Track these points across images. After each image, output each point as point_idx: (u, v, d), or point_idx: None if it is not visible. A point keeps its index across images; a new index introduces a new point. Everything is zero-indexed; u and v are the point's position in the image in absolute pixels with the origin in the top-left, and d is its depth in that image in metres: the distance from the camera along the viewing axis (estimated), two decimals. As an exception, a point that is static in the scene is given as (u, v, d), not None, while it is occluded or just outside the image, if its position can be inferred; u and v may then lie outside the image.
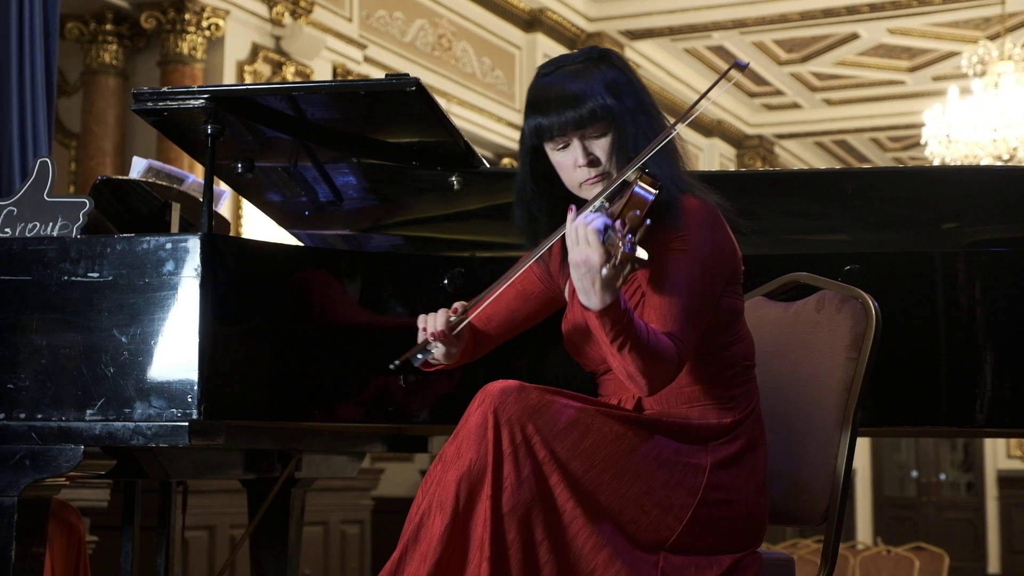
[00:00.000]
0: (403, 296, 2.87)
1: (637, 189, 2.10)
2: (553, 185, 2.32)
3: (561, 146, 2.27)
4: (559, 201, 2.30)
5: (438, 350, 2.31)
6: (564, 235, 2.12)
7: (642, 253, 2.00)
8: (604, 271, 2.00)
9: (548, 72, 2.29)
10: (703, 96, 2.25)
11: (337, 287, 2.79)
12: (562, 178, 2.30)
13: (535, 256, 2.30)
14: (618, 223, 2.04)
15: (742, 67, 2.23)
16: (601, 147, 2.25)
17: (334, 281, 2.79)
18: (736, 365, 2.31)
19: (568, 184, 2.30)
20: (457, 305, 2.31)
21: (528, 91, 2.30)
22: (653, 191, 2.10)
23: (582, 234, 2.03)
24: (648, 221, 2.08)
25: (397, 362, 2.31)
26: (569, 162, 2.27)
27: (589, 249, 2.02)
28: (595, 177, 2.25)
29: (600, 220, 2.03)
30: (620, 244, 1.99)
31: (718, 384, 2.29)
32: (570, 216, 2.08)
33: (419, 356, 2.30)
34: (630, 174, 2.17)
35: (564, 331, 2.40)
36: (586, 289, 2.05)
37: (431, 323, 2.29)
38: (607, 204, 2.19)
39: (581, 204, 2.19)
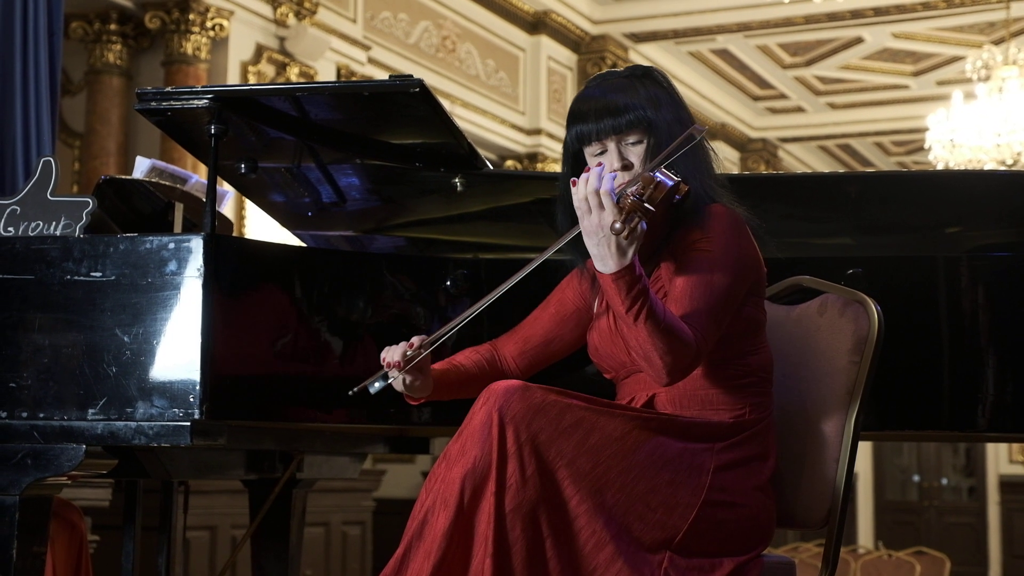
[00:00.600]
0: (405, 297, 2.87)
1: (658, 174, 2.17)
2: None
3: (599, 151, 2.35)
4: None
5: (396, 381, 2.36)
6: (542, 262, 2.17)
7: (650, 207, 2.08)
8: (616, 226, 2.07)
9: (593, 85, 2.40)
10: (665, 155, 2.27)
11: (339, 288, 2.79)
12: None
13: (525, 272, 2.32)
14: (632, 188, 2.13)
15: (700, 131, 2.29)
16: (636, 153, 2.33)
17: (336, 282, 2.79)
18: (752, 375, 2.33)
19: None
20: (415, 339, 2.35)
21: (573, 102, 2.40)
22: (674, 178, 2.17)
23: (594, 201, 2.11)
24: (659, 178, 2.13)
25: (355, 389, 2.37)
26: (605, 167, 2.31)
27: (603, 212, 2.09)
28: (627, 182, 2.28)
29: (610, 183, 2.11)
30: (630, 197, 2.07)
31: (732, 390, 2.31)
32: (574, 190, 2.13)
33: (376, 384, 2.36)
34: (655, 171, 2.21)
35: (589, 337, 2.45)
36: (602, 255, 2.12)
37: (390, 354, 2.34)
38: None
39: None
